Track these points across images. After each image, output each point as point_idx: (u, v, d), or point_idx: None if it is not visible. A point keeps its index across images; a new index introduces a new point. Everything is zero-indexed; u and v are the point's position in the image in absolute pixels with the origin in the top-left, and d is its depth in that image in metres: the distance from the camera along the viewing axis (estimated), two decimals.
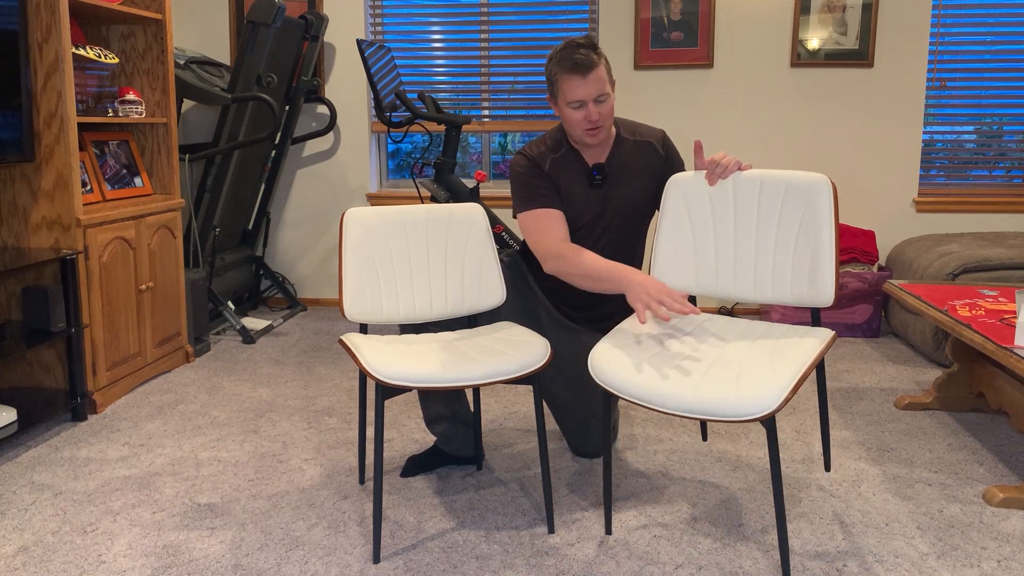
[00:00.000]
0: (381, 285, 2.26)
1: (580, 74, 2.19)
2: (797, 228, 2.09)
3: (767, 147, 4.35)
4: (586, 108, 2.22)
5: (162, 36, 3.44)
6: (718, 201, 2.19)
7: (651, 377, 1.85)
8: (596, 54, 2.21)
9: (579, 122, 2.25)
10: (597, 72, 2.20)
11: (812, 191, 2.07)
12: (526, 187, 2.34)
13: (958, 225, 4.33)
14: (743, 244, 2.16)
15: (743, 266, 2.17)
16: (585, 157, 2.38)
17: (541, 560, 1.99)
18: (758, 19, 4.25)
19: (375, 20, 4.55)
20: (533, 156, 2.37)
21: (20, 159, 2.82)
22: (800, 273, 2.09)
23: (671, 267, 2.24)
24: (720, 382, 1.79)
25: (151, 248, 3.34)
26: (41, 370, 3.02)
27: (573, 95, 2.21)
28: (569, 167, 2.37)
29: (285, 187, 4.68)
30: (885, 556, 2.00)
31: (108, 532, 2.13)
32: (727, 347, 2.01)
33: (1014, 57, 4.22)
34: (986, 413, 2.97)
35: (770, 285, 2.13)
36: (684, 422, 2.88)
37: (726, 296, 2.20)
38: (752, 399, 1.72)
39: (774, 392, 1.73)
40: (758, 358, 1.91)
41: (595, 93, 2.21)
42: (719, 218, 2.19)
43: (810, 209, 2.07)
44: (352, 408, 3.06)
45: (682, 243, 2.23)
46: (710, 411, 1.75)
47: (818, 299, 2.06)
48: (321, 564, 1.98)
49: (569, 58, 2.19)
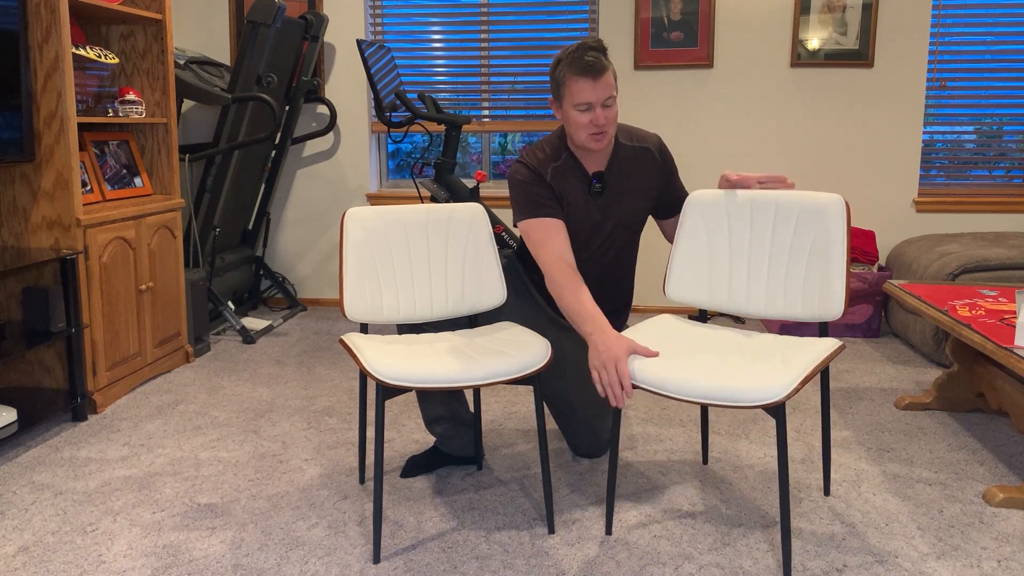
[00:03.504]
0: (381, 285, 2.26)
1: (592, 77, 2.17)
2: (810, 246, 2.14)
3: (767, 147, 4.35)
4: (593, 112, 2.20)
5: (162, 36, 3.44)
6: (735, 219, 2.23)
7: (662, 365, 1.91)
8: (606, 58, 2.20)
9: (585, 126, 2.21)
10: (606, 77, 2.18)
11: (825, 211, 2.12)
12: (528, 195, 2.30)
13: (958, 225, 4.33)
14: (757, 260, 2.21)
15: (756, 282, 2.22)
16: (585, 164, 2.35)
17: (541, 560, 1.99)
18: (758, 19, 4.25)
19: (375, 20, 4.55)
20: (534, 165, 2.33)
21: (20, 159, 2.82)
22: (811, 289, 2.14)
23: (686, 281, 2.29)
24: (732, 371, 1.86)
25: (151, 248, 3.34)
26: (41, 370, 3.02)
27: (582, 97, 2.19)
28: (570, 175, 2.34)
29: (285, 187, 4.68)
30: (885, 556, 2.00)
31: (108, 532, 2.13)
32: (739, 347, 2.07)
33: (1014, 57, 4.22)
34: (986, 413, 2.97)
35: (781, 300, 2.18)
36: (684, 422, 2.88)
37: (737, 310, 2.24)
38: (762, 387, 1.78)
39: (785, 381, 1.79)
40: (769, 355, 1.98)
41: (603, 97, 2.19)
42: (735, 235, 2.24)
43: (822, 228, 2.12)
44: (352, 408, 3.06)
45: (698, 258, 2.28)
46: (721, 397, 1.80)
47: (828, 314, 2.11)
48: (321, 564, 1.98)
49: (580, 60, 2.17)
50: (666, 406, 3.04)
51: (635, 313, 4.52)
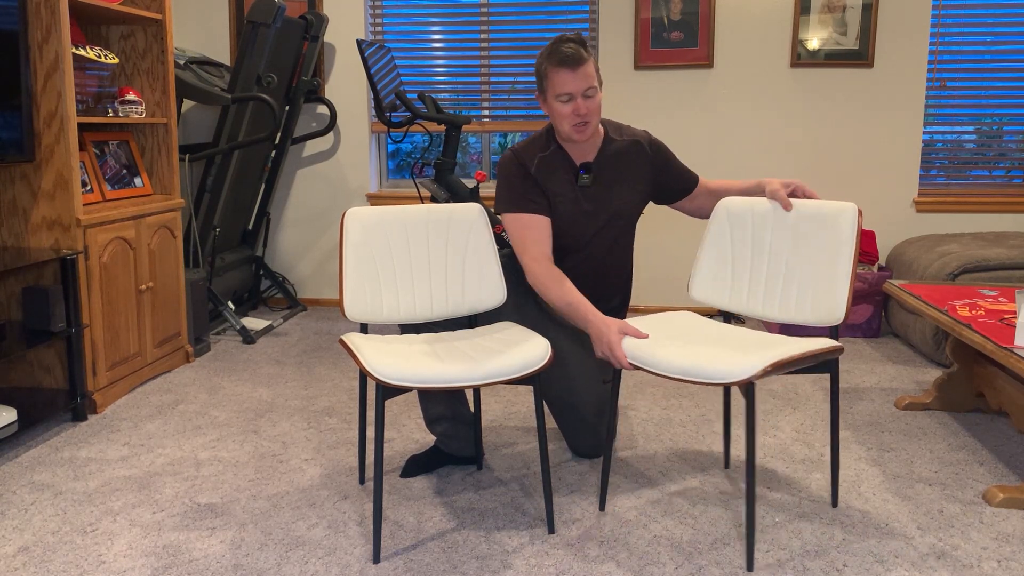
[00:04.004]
0: (381, 285, 2.26)
1: (569, 67, 2.23)
2: (822, 252, 2.18)
3: (767, 147, 4.35)
4: (575, 102, 2.27)
5: (162, 36, 3.44)
6: (759, 226, 2.29)
7: (649, 344, 2.05)
8: (585, 50, 2.27)
9: (567, 116, 2.28)
10: (586, 67, 2.25)
11: (838, 218, 2.17)
12: (510, 188, 2.38)
13: (958, 225, 4.33)
14: (774, 267, 2.27)
15: (771, 287, 2.27)
16: (573, 156, 2.41)
17: (541, 560, 1.99)
18: (758, 19, 4.25)
19: (375, 20, 4.55)
20: (521, 155, 2.40)
21: (20, 159, 2.82)
22: (820, 295, 2.18)
23: (709, 284, 2.37)
24: (711, 354, 1.96)
25: (151, 248, 3.34)
26: (41, 370, 3.02)
27: (562, 88, 2.25)
28: (556, 166, 2.40)
29: (285, 187, 4.68)
30: (885, 556, 2.00)
31: (108, 532, 2.13)
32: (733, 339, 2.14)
33: (1014, 57, 4.22)
34: (986, 413, 2.97)
35: (793, 305, 2.23)
36: (685, 422, 2.88)
37: (751, 314, 2.29)
38: (733, 366, 1.88)
39: (755, 362, 1.87)
40: (757, 346, 2.04)
41: (583, 87, 2.25)
42: (757, 242, 2.30)
43: (834, 234, 2.17)
44: (352, 408, 3.06)
45: (722, 262, 2.35)
46: (694, 373, 1.92)
47: (831, 318, 2.16)
48: (321, 564, 1.98)
49: (558, 52, 2.24)
50: (666, 406, 3.04)
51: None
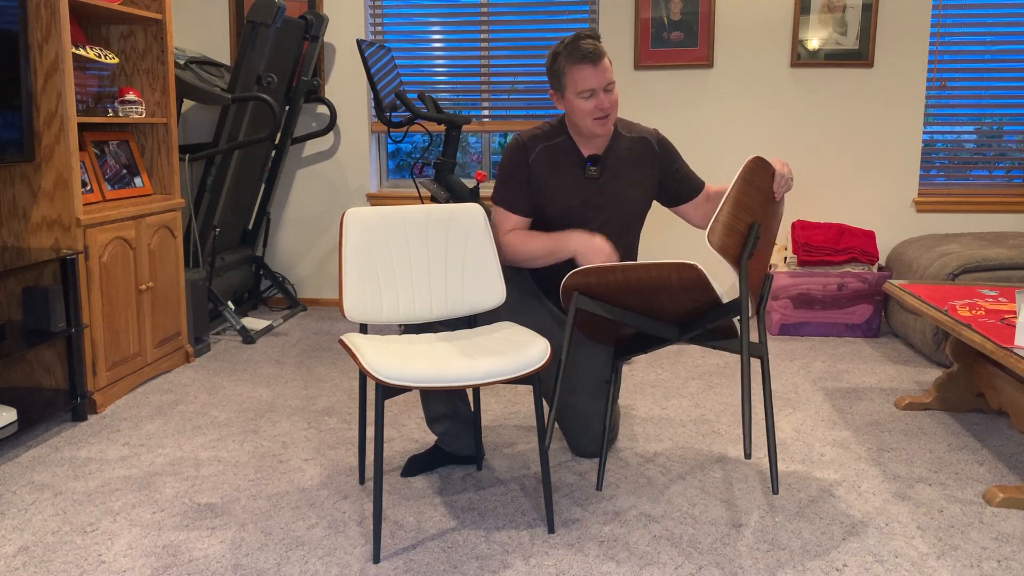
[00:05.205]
0: (381, 285, 2.26)
1: (591, 63, 2.26)
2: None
3: (767, 147, 4.35)
4: (597, 97, 2.29)
5: (162, 36, 3.44)
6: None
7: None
8: (601, 44, 2.31)
9: (590, 111, 2.31)
10: (605, 62, 2.29)
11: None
12: (503, 179, 2.45)
13: (958, 225, 4.33)
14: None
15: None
16: (581, 149, 2.43)
17: (541, 560, 1.99)
18: (758, 19, 4.25)
19: (375, 20, 4.55)
20: (525, 141, 2.44)
21: (20, 159, 2.82)
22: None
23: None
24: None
25: (151, 248, 3.34)
26: (41, 370, 3.02)
27: (584, 84, 2.27)
28: (560, 156, 2.43)
29: (285, 187, 4.68)
30: (885, 556, 2.00)
31: (108, 532, 2.13)
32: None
33: (1014, 57, 4.22)
34: (986, 413, 2.97)
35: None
36: (684, 423, 2.88)
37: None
38: None
39: None
40: None
41: (605, 82, 2.29)
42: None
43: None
44: (352, 408, 3.06)
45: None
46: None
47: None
48: (321, 564, 1.98)
49: (579, 48, 2.27)
50: (666, 406, 3.04)
51: None
